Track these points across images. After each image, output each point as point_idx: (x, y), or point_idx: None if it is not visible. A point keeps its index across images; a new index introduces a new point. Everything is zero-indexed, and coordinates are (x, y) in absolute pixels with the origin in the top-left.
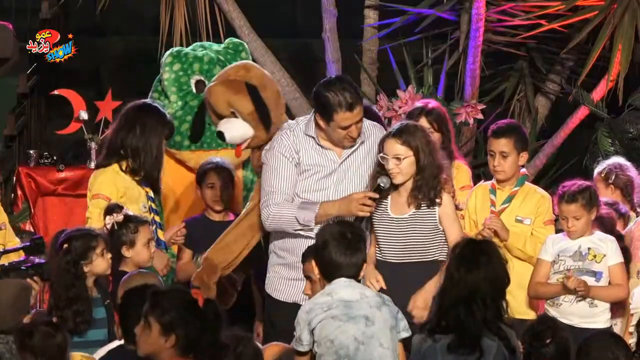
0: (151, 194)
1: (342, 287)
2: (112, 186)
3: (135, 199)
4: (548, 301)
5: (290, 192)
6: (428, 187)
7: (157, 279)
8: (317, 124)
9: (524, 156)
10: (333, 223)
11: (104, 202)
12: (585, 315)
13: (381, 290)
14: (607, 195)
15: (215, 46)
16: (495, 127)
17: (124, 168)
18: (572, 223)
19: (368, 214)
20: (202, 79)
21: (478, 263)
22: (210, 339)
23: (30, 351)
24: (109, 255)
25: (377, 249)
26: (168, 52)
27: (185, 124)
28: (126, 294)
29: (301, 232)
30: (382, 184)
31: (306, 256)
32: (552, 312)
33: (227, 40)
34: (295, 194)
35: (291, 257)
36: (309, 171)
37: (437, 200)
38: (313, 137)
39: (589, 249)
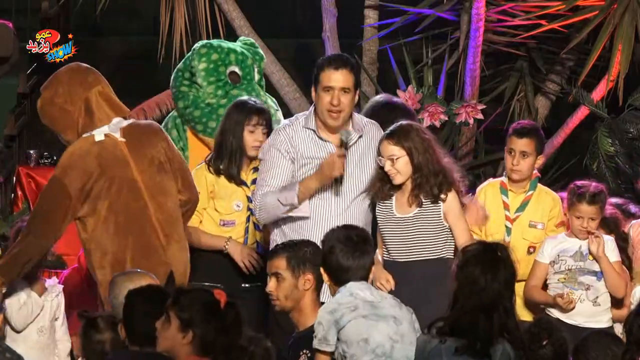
0: (249, 193)
1: (361, 289)
2: (200, 184)
3: (226, 196)
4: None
5: (278, 186)
6: (429, 184)
7: (152, 280)
8: (315, 113)
9: (541, 159)
10: (338, 227)
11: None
12: (588, 314)
13: (390, 290)
14: None
15: (232, 44)
16: (518, 126)
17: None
18: (588, 223)
19: (342, 171)
20: (237, 70)
21: (501, 269)
22: (228, 341)
23: (81, 338)
24: None
25: (384, 249)
26: (200, 44)
27: None
28: (130, 294)
29: (293, 215)
30: (343, 138)
31: (274, 253)
32: (555, 312)
33: (240, 39)
34: None
35: None
36: (309, 164)
37: (442, 196)
38: (312, 130)
39: (589, 249)
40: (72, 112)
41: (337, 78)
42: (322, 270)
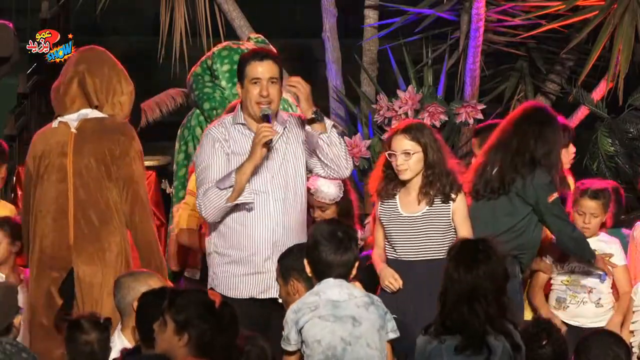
0: None
1: (330, 287)
2: None
3: None
4: (554, 305)
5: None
6: (441, 182)
7: (160, 280)
8: (242, 109)
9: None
10: (323, 222)
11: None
12: (591, 315)
13: (399, 289)
14: None
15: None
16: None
17: None
18: (589, 220)
19: (270, 136)
20: None
21: (476, 261)
22: (224, 342)
23: (67, 342)
24: None
25: (390, 247)
26: (220, 48)
27: None
28: (144, 296)
29: (238, 201)
30: (266, 112)
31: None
32: (559, 315)
33: (251, 37)
34: None
35: (239, 253)
36: (241, 159)
37: (453, 196)
38: (242, 124)
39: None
40: (61, 94)
41: (264, 69)
42: (305, 262)
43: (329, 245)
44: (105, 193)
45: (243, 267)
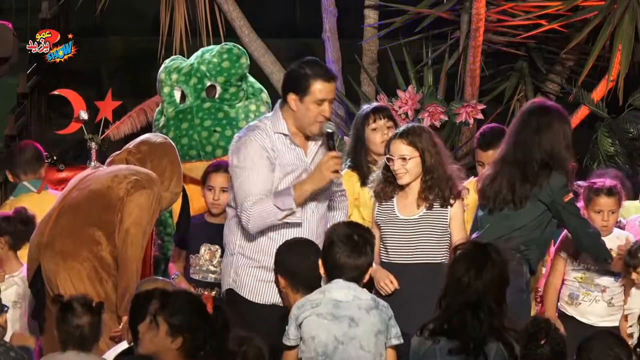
0: None
1: (339, 288)
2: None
3: (370, 204)
4: (567, 300)
5: (266, 192)
6: (440, 187)
7: (171, 286)
8: (285, 118)
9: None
10: (342, 224)
11: None
12: (603, 314)
13: (394, 291)
14: None
15: (191, 61)
16: (483, 133)
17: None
18: (608, 217)
19: (341, 174)
20: (182, 90)
21: (486, 267)
22: (216, 345)
23: (58, 324)
24: None
25: (383, 250)
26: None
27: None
28: (136, 297)
29: (288, 220)
30: (329, 129)
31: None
32: (571, 310)
33: (221, 45)
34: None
35: (267, 259)
36: (283, 171)
37: (451, 201)
38: (284, 134)
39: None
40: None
41: (329, 89)
42: (320, 262)
43: (344, 247)
44: (99, 206)
45: (269, 273)
